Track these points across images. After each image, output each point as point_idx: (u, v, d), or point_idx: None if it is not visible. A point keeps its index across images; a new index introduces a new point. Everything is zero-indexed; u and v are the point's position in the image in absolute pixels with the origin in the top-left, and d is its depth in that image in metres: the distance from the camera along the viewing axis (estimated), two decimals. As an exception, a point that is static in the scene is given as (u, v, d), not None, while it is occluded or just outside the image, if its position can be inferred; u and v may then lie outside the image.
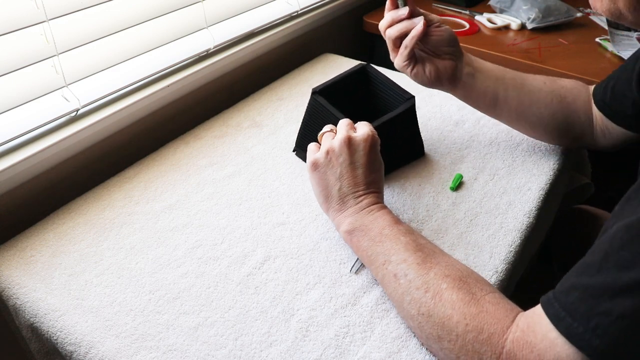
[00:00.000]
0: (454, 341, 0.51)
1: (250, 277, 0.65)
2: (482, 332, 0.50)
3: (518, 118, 0.78)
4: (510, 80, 0.75)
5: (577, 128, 0.77)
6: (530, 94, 0.75)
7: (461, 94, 0.77)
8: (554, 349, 0.45)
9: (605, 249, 0.45)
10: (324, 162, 0.65)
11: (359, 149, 0.65)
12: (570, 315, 0.45)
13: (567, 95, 0.76)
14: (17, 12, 0.69)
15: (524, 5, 1.26)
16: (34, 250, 0.69)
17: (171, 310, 0.61)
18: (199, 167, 0.83)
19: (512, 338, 0.48)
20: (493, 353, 0.49)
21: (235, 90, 1.04)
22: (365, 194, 0.64)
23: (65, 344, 0.59)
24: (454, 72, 0.74)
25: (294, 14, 1.13)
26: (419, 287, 0.55)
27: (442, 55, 0.73)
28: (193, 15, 0.93)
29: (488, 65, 0.76)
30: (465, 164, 0.82)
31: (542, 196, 0.76)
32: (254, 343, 0.57)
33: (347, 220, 0.63)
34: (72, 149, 0.79)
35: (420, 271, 0.56)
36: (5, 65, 0.70)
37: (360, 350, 0.56)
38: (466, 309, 0.51)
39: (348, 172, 0.64)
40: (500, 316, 0.50)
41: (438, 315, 0.53)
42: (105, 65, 0.82)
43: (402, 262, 0.57)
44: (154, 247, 0.69)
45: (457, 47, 0.73)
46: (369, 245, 0.61)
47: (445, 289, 0.53)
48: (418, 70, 0.73)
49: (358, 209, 0.64)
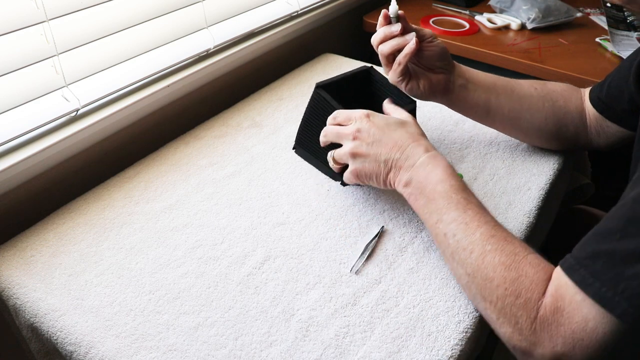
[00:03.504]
0: (495, 303, 0.54)
1: (250, 277, 0.65)
2: (520, 296, 0.52)
3: (511, 125, 0.79)
4: (502, 89, 0.77)
5: (570, 130, 0.78)
6: (521, 100, 0.76)
7: (454, 105, 0.79)
8: (581, 311, 0.48)
9: (628, 215, 0.48)
10: (359, 145, 0.66)
11: (378, 116, 0.67)
12: (599, 280, 0.47)
13: (558, 98, 0.77)
14: (17, 12, 0.69)
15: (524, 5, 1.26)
16: (34, 250, 0.69)
17: (171, 310, 0.61)
18: (199, 167, 0.83)
19: (545, 303, 0.51)
20: (528, 317, 0.51)
21: (235, 90, 1.04)
22: (412, 147, 0.64)
23: (65, 344, 0.59)
24: (446, 85, 0.75)
25: (294, 14, 1.12)
26: (465, 248, 0.57)
27: (434, 69, 0.74)
28: (193, 15, 0.93)
29: (479, 75, 0.77)
30: (465, 164, 0.82)
31: (542, 196, 0.76)
32: (254, 343, 0.57)
33: (405, 175, 0.64)
34: (72, 149, 0.79)
35: (467, 231, 0.58)
36: (5, 65, 0.70)
37: (360, 350, 0.56)
38: (506, 272, 0.54)
39: (386, 137, 0.65)
40: (538, 281, 0.52)
41: (481, 276, 0.55)
42: (105, 65, 0.82)
43: (452, 221, 0.59)
44: (154, 247, 0.69)
45: (449, 60, 0.75)
46: (424, 203, 0.62)
47: (489, 251, 0.55)
48: (412, 85, 0.75)
49: (410, 165, 0.64)
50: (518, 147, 0.85)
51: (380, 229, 0.70)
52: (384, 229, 0.71)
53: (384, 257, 0.67)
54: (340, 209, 0.74)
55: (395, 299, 0.62)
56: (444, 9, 1.37)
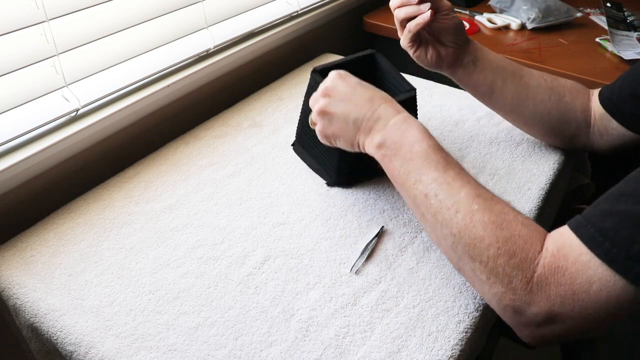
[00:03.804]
0: (485, 263, 0.51)
1: (250, 277, 0.65)
2: (514, 256, 0.50)
3: (512, 111, 0.79)
4: (510, 73, 0.76)
5: (572, 127, 0.77)
6: (527, 89, 0.76)
7: (459, 79, 0.78)
8: (586, 272, 0.46)
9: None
10: (328, 103, 0.64)
11: (351, 76, 0.66)
12: (609, 240, 0.45)
13: (565, 94, 0.76)
14: (17, 12, 0.69)
15: (524, 5, 1.26)
16: (34, 250, 0.69)
17: (171, 310, 0.61)
18: (199, 167, 0.83)
19: (542, 263, 0.49)
20: (524, 277, 0.49)
21: (235, 90, 1.04)
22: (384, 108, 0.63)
23: (65, 344, 0.59)
24: (455, 59, 0.75)
25: (294, 14, 1.12)
26: (449, 208, 0.55)
27: (446, 42, 0.74)
28: (193, 15, 0.93)
29: (491, 55, 0.77)
30: (465, 164, 0.82)
31: (542, 196, 0.76)
32: (254, 343, 0.57)
33: (377, 136, 0.62)
34: (72, 149, 0.79)
35: (450, 191, 0.55)
36: (5, 65, 0.70)
37: (360, 350, 0.56)
38: (498, 232, 0.51)
39: (356, 95, 0.64)
40: (533, 240, 0.50)
41: (470, 236, 0.53)
42: (105, 65, 0.82)
43: (433, 181, 0.56)
44: (154, 247, 0.69)
45: (461, 35, 0.74)
46: (400, 164, 0.60)
47: (477, 210, 0.53)
48: (420, 53, 0.75)
49: (383, 124, 0.61)
50: (518, 147, 0.85)
51: (380, 229, 0.70)
52: (384, 229, 0.71)
53: (384, 257, 0.67)
54: (340, 209, 0.74)
55: (395, 299, 0.62)
56: (444, 9, 1.37)
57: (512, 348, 0.68)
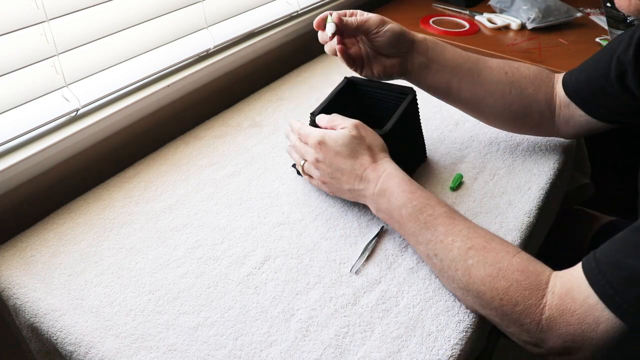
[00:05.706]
0: (495, 310, 0.55)
1: (250, 277, 0.65)
2: (517, 304, 0.53)
3: (472, 108, 0.80)
4: (467, 71, 0.76)
5: (535, 118, 0.77)
6: (485, 85, 0.76)
7: (415, 83, 0.79)
8: (593, 314, 0.49)
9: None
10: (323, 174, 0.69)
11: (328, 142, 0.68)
12: (619, 295, 0.48)
13: (527, 86, 0.76)
14: (17, 12, 0.69)
15: (524, 5, 1.26)
16: (34, 250, 0.69)
17: (171, 310, 0.61)
18: (199, 167, 0.83)
19: (549, 304, 0.52)
20: (532, 320, 0.52)
21: (235, 90, 1.04)
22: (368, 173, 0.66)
23: (65, 344, 0.59)
24: (402, 67, 0.76)
25: (294, 14, 1.12)
26: (449, 267, 0.58)
27: (388, 54, 0.75)
28: (193, 15, 0.93)
29: (446, 55, 0.76)
30: (465, 163, 0.82)
31: (542, 196, 0.76)
32: (254, 343, 0.57)
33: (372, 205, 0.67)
34: (72, 149, 0.79)
35: (445, 249, 0.59)
36: (5, 65, 0.70)
37: (360, 350, 0.56)
38: (497, 283, 0.54)
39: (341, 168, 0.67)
40: (532, 285, 0.53)
41: (473, 290, 0.56)
42: (105, 65, 0.82)
43: (428, 242, 0.61)
44: (154, 247, 0.69)
45: (403, 44, 0.74)
46: (398, 227, 0.65)
47: (472, 266, 0.56)
48: (366, 72, 0.77)
49: (371, 194, 0.66)
50: (518, 147, 0.85)
51: (380, 229, 0.70)
52: (384, 229, 0.71)
53: (384, 257, 0.67)
54: (340, 209, 0.74)
55: (395, 299, 0.62)
56: (444, 9, 1.37)
57: (512, 348, 0.68)
